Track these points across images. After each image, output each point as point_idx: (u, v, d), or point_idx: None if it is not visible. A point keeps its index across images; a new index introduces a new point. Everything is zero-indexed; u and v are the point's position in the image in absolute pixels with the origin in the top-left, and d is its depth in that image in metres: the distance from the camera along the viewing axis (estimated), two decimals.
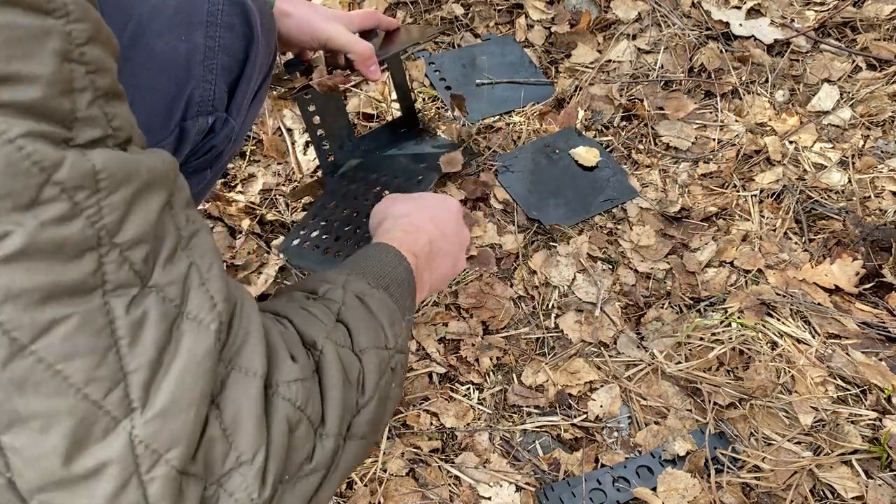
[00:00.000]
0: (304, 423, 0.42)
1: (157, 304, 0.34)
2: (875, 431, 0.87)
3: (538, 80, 1.35)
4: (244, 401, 0.38)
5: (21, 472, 0.32)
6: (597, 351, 0.98)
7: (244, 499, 0.38)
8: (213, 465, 0.37)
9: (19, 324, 0.30)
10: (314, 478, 0.44)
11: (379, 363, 0.50)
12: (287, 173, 1.20)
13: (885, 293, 1.02)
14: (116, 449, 0.32)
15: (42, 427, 0.31)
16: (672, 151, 1.23)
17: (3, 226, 0.29)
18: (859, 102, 1.26)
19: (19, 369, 0.30)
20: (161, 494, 0.34)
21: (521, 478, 0.86)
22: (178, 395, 0.34)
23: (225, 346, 0.39)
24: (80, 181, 0.31)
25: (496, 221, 1.12)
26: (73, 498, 0.32)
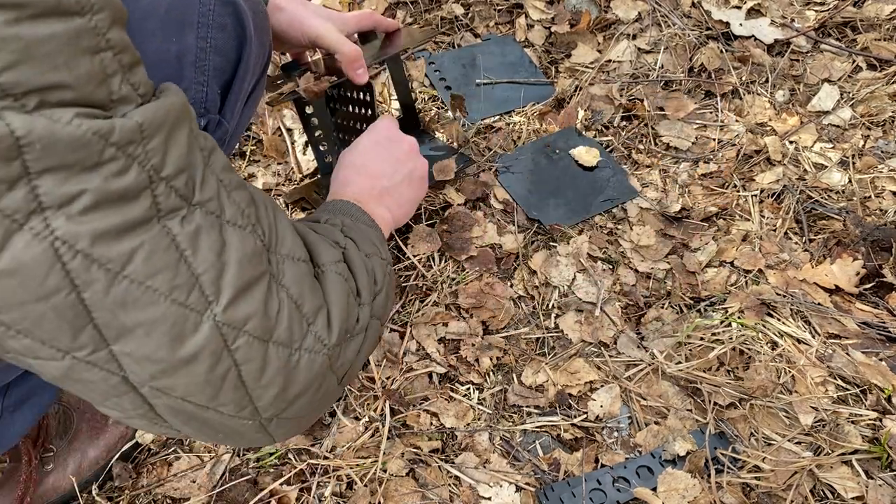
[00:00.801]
0: (351, 293, 0.55)
1: (203, 217, 0.42)
2: (875, 431, 0.87)
3: (538, 80, 1.35)
4: (301, 278, 0.50)
5: (132, 370, 0.41)
6: (597, 351, 0.98)
7: (319, 346, 0.50)
8: (294, 332, 0.48)
9: (109, 257, 0.37)
10: (359, 338, 0.56)
11: (381, 265, 0.64)
12: (287, 173, 1.20)
13: (885, 293, 1.01)
14: (205, 334, 0.42)
15: (146, 332, 0.40)
16: (672, 151, 1.23)
17: (77, 186, 0.36)
18: (859, 102, 1.26)
19: (119, 292, 0.38)
20: (246, 356, 0.44)
21: (521, 478, 0.86)
22: (241, 284, 0.43)
23: (269, 243, 0.48)
24: (130, 137, 0.37)
25: (496, 221, 1.12)
26: (179, 378, 0.42)
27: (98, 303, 0.38)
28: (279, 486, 0.85)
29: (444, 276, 1.05)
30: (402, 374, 0.95)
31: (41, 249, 0.35)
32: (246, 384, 0.45)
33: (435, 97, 1.32)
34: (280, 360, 0.47)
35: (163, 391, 0.43)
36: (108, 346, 0.39)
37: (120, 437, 0.89)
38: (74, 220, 0.36)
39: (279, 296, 0.47)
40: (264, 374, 0.46)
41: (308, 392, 0.50)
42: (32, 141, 0.33)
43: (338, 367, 0.53)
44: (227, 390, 0.44)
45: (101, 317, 0.38)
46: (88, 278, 0.37)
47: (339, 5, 1.46)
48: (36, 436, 0.85)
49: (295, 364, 0.48)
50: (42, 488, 0.85)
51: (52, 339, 0.38)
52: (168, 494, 0.86)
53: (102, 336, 0.39)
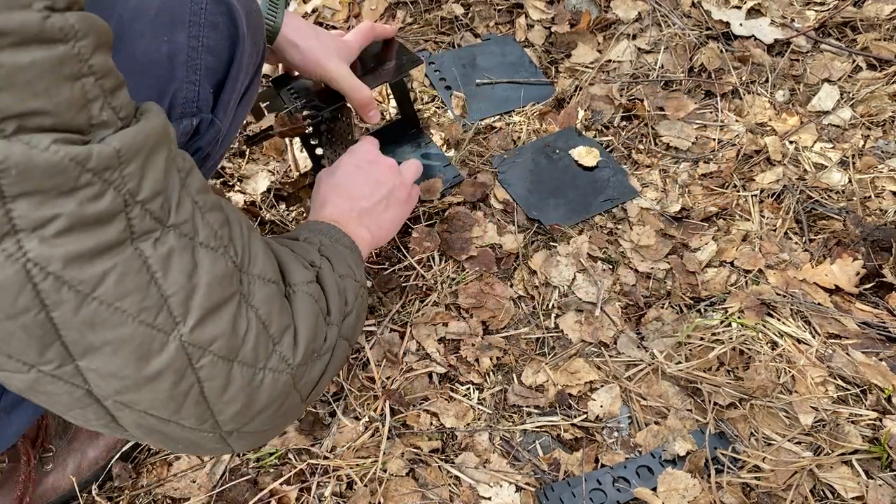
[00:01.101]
0: (320, 314, 0.56)
1: (177, 240, 0.43)
2: (875, 431, 0.87)
3: (538, 80, 1.35)
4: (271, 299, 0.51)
5: (97, 384, 0.42)
6: (597, 351, 0.98)
7: (283, 366, 0.51)
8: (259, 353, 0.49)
9: (81, 279, 0.38)
10: (325, 357, 0.57)
11: (353, 287, 0.65)
12: (286, 172, 1.20)
13: (885, 293, 1.01)
14: (171, 353, 0.43)
15: (113, 350, 0.41)
16: (672, 151, 1.23)
17: (52, 210, 0.36)
18: (859, 102, 1.26)
19: (88, 312, 0.39)
20: (210, 374, 0.45)
21: (521, 478, 0.86)
22: (209, 305, 0.44)
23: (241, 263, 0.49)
24: (107, 164, 0.38)
25: (496, 221, 1.12)
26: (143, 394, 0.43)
27: (67, 322, 0.38)
28: (279, 486, 0.85)
29: (444, 276, 1.05)
30: (402, 374, 0.95)
31: (13, 270, 0.36)
32: (208, 400, 0.46)
33: (435, 97, 1.32)
34: (244, 378, 0.48)
35: (126, 405, 0.44)
36: (74, 362, 0.40)
37: (120, 437, 0.89)
38: (47, 242, 0.36)
39: (247, 315, 0.48)
40: (227, 391, 0.47)
41: (269, 409, 0.51)
42: (9, 167, 0.34)
43: (301, 385, 0.54)
44: (189, 405, 0.45)
45: (68, 335, 0.39)
46: (58, 299, 0.38)
47: (338, 5, 1.46)
48: (35, 436, 0.85)
49: (259, 383, 0.49)
50: (42, 488, 0.85)
51: (20, 354, 0.39)
52: (168, 494, 0.86)
53: (69, 352, 0.40)
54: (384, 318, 1.01)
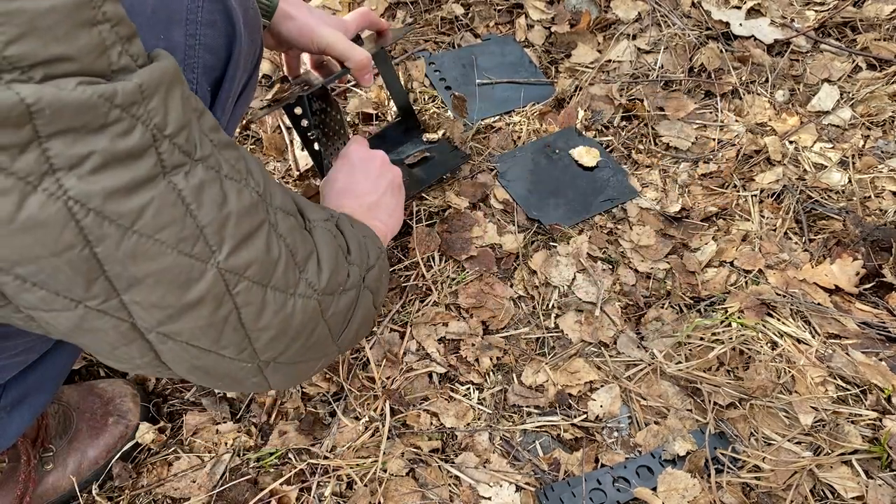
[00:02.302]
0: (340, 251, 0.59)
1: (205, 172, 0.44)
2: (875, 431, 0.87)
3: (538, 80, 1.35)
4: (293, 229, 0.53)
5: (141, 316, 0.44)
6: (597, 351, 0.98)
7: (310, 291, 0.54)
8: (289, 278, 0.51)
9: (120, 213, 0.40)
10: (351, 294, 0.60)
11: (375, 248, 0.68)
12: (287, 171, 1.20)
13: (885, 293, 1.01)
14: (209, 281, 0.45)
15: (155, 281, 0.43)
16: (672, 151, 1.23)
17: (85, 147, 0.38)
18: (859, 102, 1.26)
19: (129, 245, 0.41)
20: (246, 300, 0.48)
21: (521, 478, 0.86)
22: (241, 234, 0.47)
23: (262, 194, 0.50)
24: (132, 98, 0.39)
25: (496, 221, 1.12)
26: (184, 323, 0.46)
27: (110, 256, 0.40)
28: (279, 485, 0.85)
29: (444, 276, 1.05)
30: (402, 374, 0.95)
31: (56, 208, 0.37)
32: (245, 326, 0.49)
33: (435, 97, 1.32)
34: (276, 303, 0.50)
35: (169, 336, 0.46)
36: (119, 296, 0.42)
37: (120, 436, 0.89)
38: (85, 179, 0.38)
39: (278, 243, 0.50)
40: (262, 316, 0.49)
41: (301, 337, 0.54)
42: (42, 107, 0.35)
43: (329, 316, 0.56)
44: (228, 332, 0.48)
45: (112, 269, 0.41)
46: (101, 234, 0.39)
47: (339, 5, 1.46)
48: (35, 435, 0.85)
49: (290, 308, 0.52)
50: (42, 488, 0.85)
51: (66, 291, 0.41)
52: (168, 494, 0.86)
53: (113, 286, 0.42)
54: (384, 318, 1.01)
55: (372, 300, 0.65)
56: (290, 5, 0.86)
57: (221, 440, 0.90)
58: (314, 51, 0.90)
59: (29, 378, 0.74)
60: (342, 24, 0.93)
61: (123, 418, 0.90)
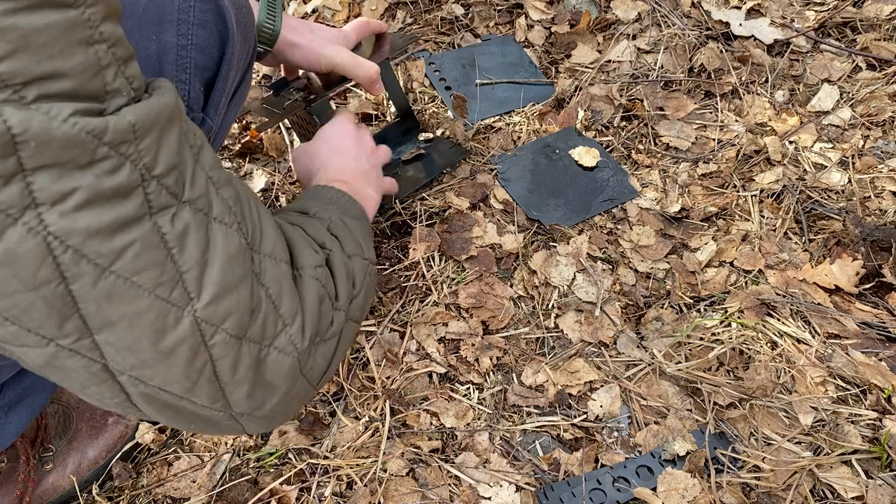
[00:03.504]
0: (327, 298, 0.57)
1: (192, 215, 0.44)
2: (875, 431, 0.87)
3: (538, 80, 1.35)
4: (281, 279, 0.51)
5: (114, 359, 0.43)
6: (597, 351, 0.98)
7: (290, 349, 0.51)
8: (267, 331, 0.49)
9: (100, 253, 0.39)
10: (332, 342, 0.58)
11: (362, 267, 0.65)
12: (287, 171, 1.20)
13: (885, 293, 1.01)
14: (185, 329, 0.44)
15: (129, 324, 0.42)
16: (672, 151, 1.23)
17: (70, 183, 0.37)
18: (859, 102, 1.26)
19: (106, 286, 0.40)
20: (222, 353, 0.46)
21: (521, 478, 0.86)
22: (223, 283, 0.45)
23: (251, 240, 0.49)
24: (122, 137, 0.39)
25: (496, 221, 1.12)
26: (157, 370, 0.44)
27: (85, 295, 0.39)
28: (279, 485, 0.85)
29: (444, 276, 1.05)
30: (402, 374, 0.95)
31: (34, 243, 0.37)
32: (220, 379, 0.47)
33: (435, 97, 1.32)
34: (251, 356, 0.49)
35: (141, 380, 0.45)
36: (92, 336, 0.41)
37: (120, 436, 0.89)
38: (67, 216, 0.37)
39: (258, 294, 0.49)
40: (237, 370, 0.48)
41: (277, 392, 0.52)
42: (28, 139, 0.34)
43: (307, 370, 0.54)
44: (203, 383, 0.47)
45: (87, 308, 0.40)
46: (78, 272, 0.38)
47: (338, 5, 1.46)
48: (34, 435, 0.85)
49: (263, 360, 0.50)
50: (42, 488, 0.85)
51: (39, 328, 0.40)
52: (168, 494, 0.86)
53: (87, 326, 0.41)
54: (384, 318, 1.01)
55: (354, 328, 0.64)
56: (293, 31, 0.87)
57: (221, 440, 0.90)
58: (322, 72, 0.92)
59: (27, 378, 0.74)
60: (343, 37, 0.94)
61: (123, 418, 0.90)
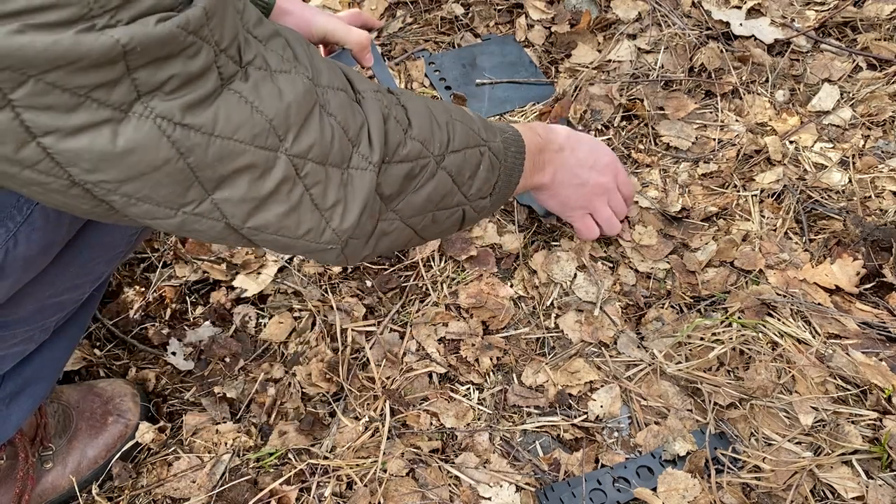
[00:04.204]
0: (392, 119, 0.59)
1: (256, 72, 0.48)
2: (875, 431, 0.86)
3: (538, 79, 1.35)
4: (343, 105, 0.55)
5: (232, 213, 0.50)
6: (597, 351, 0.98)
7: (363, 163, 0.56)
8: (344, 153, 0.54)
9: (201, 123, 0.45)
10: (406, 165, 0.60)
11: (464, 130, 0.67)
12: None
13: (885, 293, 1.01)
14: (281, 168, 0.50)
15: (238, 177, 0.48)
16: (672, 151, 1.23)
17: (165, 72, 0.42)
18: (860, 102, 1.26)
19: (216, 149, 0.46)
20: (313, 181, 0.52)
21: (521, 478, 0.86)
22: (300, 120, 0.50)
23: (311, 77, 0.53)
24: (199, 23, 0.42)
25: (496, 221, 1.12)
26: (267, 212, 0.51)
27: (201, 163, 0.45)
28: (279, 486, 0.84)
29: (444, 276, 1.05)
30: (402, 374, 0.95)
31: (147, 128, 0.42)
32: (318, 206, 0.53)
33: (435, 97, 1.32)
34: (336, 178, 0.54)
35: (259, 229, 0.52)
36: (210, 196, 0.48)
37: (119, 436, 0.89)
38: (166, 99, 0.42)
39: (329, 122, 0.53)
40: (327, 194, 0.53)
41: (365, 210, 0.57)
42: (134, 46, 0.39)
43: (385, 188, 0.59)
44: (306, 214, 0.53)
45: (203, 174, 0.46)
46: (190, 144, 0.44)
47: (338, 4, 1.46)
48: (34, 434, 0.85)
49: (348, 181, 0.55)
50: (41, 487, 0.84)
51: (167, 201, 0.46)
52: (168, 494, 0.86)
53: (204, 189, 0.47)
54: (384, 318, 1.01)
55: (446, 180, 0.65)
56: (286, 1, 0.88)
57: (221, 440, 0.90)
58: (314, 41, 0.92)
59: (27, 368, 0.74)
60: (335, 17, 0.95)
61: (123, 418, 0.90)
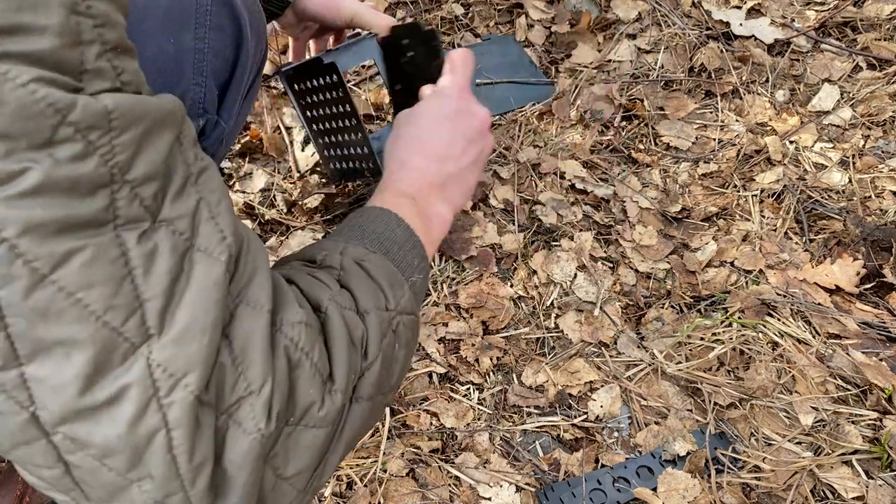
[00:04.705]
0: (306, 367, 0.42)
1: (167, 238, 0.35)
2: (875, 431, 0.86)
3: (538, 79, 1.35)
4: (253, 333, 0.39)
5: (45, 403, 0.33)
6: (597, 351, 0.98)
7: (252, 428, 0.38)
8: (223, 394, 0.38)
9: (38, 255, 0.31)
10: (321, 432, 0.43)
11: (380, 324, 0.50)
12: (287, 171, 1.20)
13: (885, 293, 1.01)
14: (135, 373, 0.34)
15: (65, 353, 0.32)
16: (672, 151, 1.23)
17: (21, 163, 0.30)
18: (860, 102, 1.26)
19: (42, 298, 0.32)
20: (180, 420, 0.35)
21: (521, 478, 0.86)
22: (192, 323, 0.36)
23: (233, 280, 0.40)
24: (93, 121, 0.32)
25: (496, 221, 1.12)
26: (95, 426, 0.34)
27: (14, 306, 0.31)
28: None
29: (444, 276, 1.05)
30: None
31: None
32: (177, 459, 0.35)
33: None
34: (209, 428, 0.37)
35: (77, 443, 0.34)
36: (20, 365, 0.32)
37: None
38: (9, 202, 0.30)
39: (219, 345, 0.38)
40: (196, 448, 0.36)
41: (235, 488, 0.39)
42: None
43: (276, 461, 0.41)
44: (153, 458, 0.35)
45: (15, 325, 0.32)
46: (8, 274, 0.31)
47: None
48: None
49: (222, 435, 0.38)
50: None
51: None
52: None
53: (15, 350, 0.32)
54: None
55: (368, 409, 0.48)
56: None
57: None
58: (339, 23, 0.91)
59: None
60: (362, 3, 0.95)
61: None
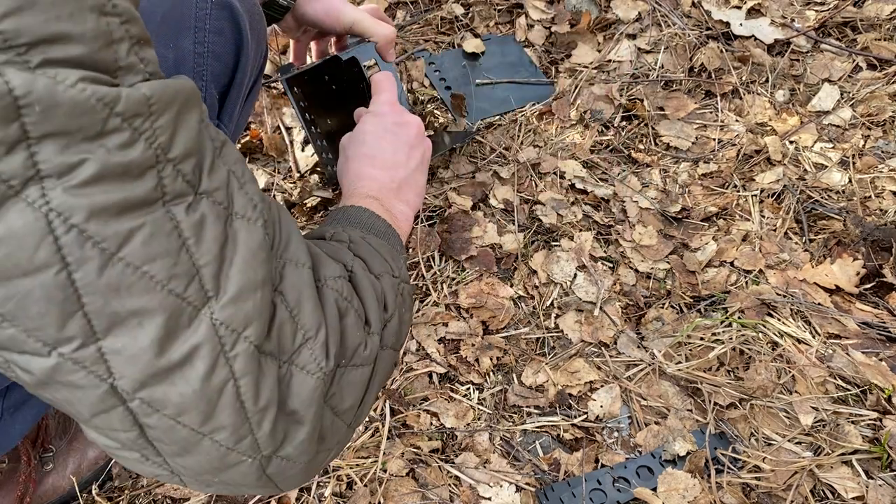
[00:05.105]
0: (352, 314, 0.50)
1: (210, 208, 0.39)
2: (875, 431, 0.86)
3: (538, 80, 1.35)
4: (302, 286, 0.45)
5: (123, 373, 0.36)
6: (597, 351, 0.98)
7: (314, 368, 0.44)
8: (284, 344, 0.43)
9: (105, 235, 0.34)
10: (367, 370, 0.50)
11: (392, 286, 0.57)
12: (287, 172, 1.20)
13: (885, 293, 1.01)
14: (202, 333, 0.38)
15: (138, 323, 0.36)
16: (672, 151, 1.23)
17: (77, 155, 0.33)
18: (860, 102, 1.26)
19: (113, 275, 0.35)
20: (245, 369, 0.39)
21: (521, 478, 0.86)
22: (245, 282, 0.40)
23: (274, 244, 0.44)
24: (136, 109, 0.35)
25: (496, 221, 1.12)
26: (171, 386, 0.37)
27: (90, 285, 0.34)
28: None
29: (444, 276, 1.05)
30: (402, 374, 0.95)
31: (33, 218, 0.32)
32: (245, 405, 0.40)
33: (435, 97, 1.32)
34: (272, 376, 0.41)
35: (153, 405, 0.38)
36: (98, 341, 0.36)
37: None
38: (72, 191, 0.33)
39: (275, 301, 0.43)
40: (260, 393, 0.40)
41: (304, 425, 0.44)
42: (32, 102, 0.31)
43: (333, 399, 0.47)
44: (224, 409, 0.39)
45: (91, 303, 0.35)
46: (81, 256, 0.34)
47: None
48: (35, 436, 0.85)
49: (285, 381, 0.43)
50: (42, 488, 0.85)
51: (38, 328, 0.35)
52: (168, 494, 0.86)
53: (92, 327, 0.35)
54: None
55: (392, 356, 0.56)
56: None
57: None
58: (339, 29, 0.91)
59: None
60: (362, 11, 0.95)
61: None
